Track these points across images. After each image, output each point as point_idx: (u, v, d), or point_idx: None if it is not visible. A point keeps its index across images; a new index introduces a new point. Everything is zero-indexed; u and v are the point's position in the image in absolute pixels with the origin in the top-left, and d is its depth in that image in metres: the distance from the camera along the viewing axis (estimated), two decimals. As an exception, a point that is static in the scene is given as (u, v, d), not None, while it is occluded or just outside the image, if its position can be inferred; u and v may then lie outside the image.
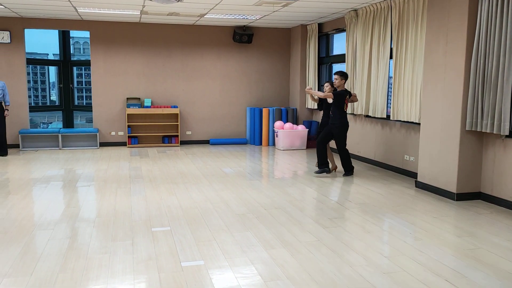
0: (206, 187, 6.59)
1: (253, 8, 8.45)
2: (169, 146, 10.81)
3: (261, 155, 9.72)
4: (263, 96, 11.45)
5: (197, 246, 4.20)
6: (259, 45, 11.26)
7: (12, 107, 9.83)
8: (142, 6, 8.26)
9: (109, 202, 5.72)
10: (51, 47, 35.75)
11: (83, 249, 4.11)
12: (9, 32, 9.84)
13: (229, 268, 3.72)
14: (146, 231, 4.63)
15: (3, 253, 3.96)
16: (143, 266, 3.73)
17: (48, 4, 8.26)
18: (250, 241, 4.35)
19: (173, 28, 10.72)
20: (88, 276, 3.54)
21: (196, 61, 10.99)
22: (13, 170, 7.76)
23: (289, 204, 5.73)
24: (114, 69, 10.57)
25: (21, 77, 10.12)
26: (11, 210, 5.32)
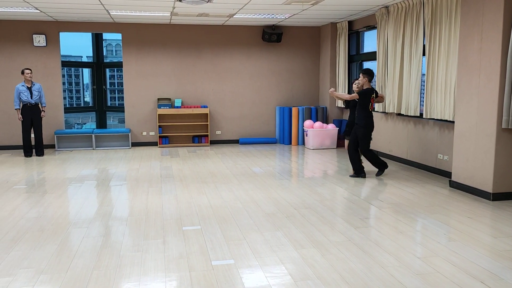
0: (236, 187, 6.62)
1: (282, 7, 8.42)
2: (199, 146, 10.92)
3: (291, 155, 9.68)
4: (293, 95, 11.41)
5: (227, 245, 4.22)
6: (289, 44, 11.22)
7: (48, 108, 10.13)
8: (172, 7, 8.37)
9: (141, 201, 5.82)
10: (85, 49, 36.66)
11: (116, 247, 4.19)
12: (44, 35, 10.14)
13: (259, 267, 3.72)
14: (177, 230, 4.68)
15: (40, 250, 4.08)
16: (174, 265, 3.78)
17: (82, 8, 8.48)
18: (280, 241, 4.34)
19: (203, 28, 10.81)
20: (121, 273, 3.61)
21: (226, 61, 11.05)
22: (49, 170, 8.00)
23: (319, 203, 5.69)
24: (145, 70, 10.75)
25: (57, 79, 10.42)
26: (48, 209, 5.48)
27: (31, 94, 9.16)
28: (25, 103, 9.15)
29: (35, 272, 3.62)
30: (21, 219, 5.01)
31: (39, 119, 9.33)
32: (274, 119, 11.42)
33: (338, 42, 10.55)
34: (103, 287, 3.37)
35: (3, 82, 10.08)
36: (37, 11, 8.71)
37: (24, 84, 9.14)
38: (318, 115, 10.83)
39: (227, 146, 10.84)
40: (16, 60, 10.10)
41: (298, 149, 10.39)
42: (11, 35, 10.03)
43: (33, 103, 9.21)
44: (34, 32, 10.10)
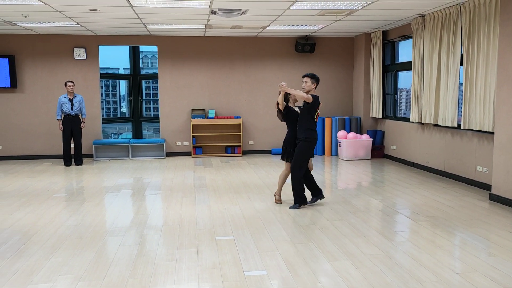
0: (269, 197, 6.61)
1: (315, 18, 8.43)
2: (232, 156, 10.99)
3: (324, 165, 9.61)
4: (326, 106, 11.35)
5: (260, 256, 4.22)
6: (322, 54, 11.20)
7: (86, 119, 10.44)
8: (207, 20, 8.52)
9: (175, 211, 5.90)
10: (122, 61, 37.69)
11: (151, 255, 4.26)
12: (84, 49, 10.50)
13: (291, 279, 3.70)
14: (210, 239, 4.72)
15: (78, 258, 4.19)
16: (208, 274, 3.80)
17: (121, 22, 8.74)
18: (313, 252, 4.30)
19: (236, 40, 10.94)
20: (156, 282, 3.66)
21: (259, 72, 11.12)
22: (88, 179, 8.22)
23: (353, 215, 5.61)
24: (180, 81, 10.95)
25: (95, 91, 10.75)
26: (86, 217, 5.63)
27: (72, 105, 9.48)
28: (66, 114, 9.48)
29: (74, 278, 3.72)
30: (61, 227, 5.17)
31: (78, 130, 9.63)
32: (307, 129, 11.36)
33: (372, 52, 10.45)
34: (138, 295, 3.43)
35: (45, 94, 10.47)
36: (78, 25, 9.04)
37: (67, 95, 9.48)
38: (352, 125, 10.72)
39: (259, 156, 10.86)
40: (57, 73, 10.50)
41: (331, 159, 10.30)
42: (53, 49, 10.44)
43: (74, 114, 9.52)
44: (75, 46, 10.47)
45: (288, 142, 5.99)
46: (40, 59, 10.43)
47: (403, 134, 9.53)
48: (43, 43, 10.38)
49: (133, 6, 7.18)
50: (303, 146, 5.75)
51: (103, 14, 7.89)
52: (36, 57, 10.41)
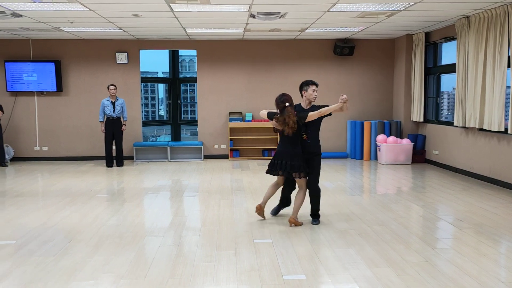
0: (306, 201, 6.54)
1: (355, 20, 8.32)
2: (269, 159, 10.93)
3: (362, 170, 9.45)
4: (365, 109, 11.17)
5: (298, 260, 4.18)
6: (361, 57, 11.04)
7: (127, 122, 10.69)
8: (245, 24, 8.56)
9: (213, 213, 5.93)
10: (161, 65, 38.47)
11: (190, 256, 4.30)
12: (126, 53, 10.78)
13: (331, 284, 3.65)
14: (248, 242, 4.72)
15: (120, 257, 4.28)
16: (246, 277, 3.80)
17: (161, 27, 8.92)
18: (352, 258, 4.22)
19: (274, 43, 10.94)
20: (195, 282, 3.69)
21: (297, 75, 11.07)
22: (128, 180, 8.41)
23: (393, 221, 5.48)
24: (218, 85, 11.04)
25: (136, 94, 11.00)
26: (127, 217, 5.75)
27: (114, 108, 9.73)
28: (108, 116, 9.74)
29: (116, 277, 3.80)
30: (103, 226, 5.30)
31: (120, 132, 9.88)
32: (345, 133, 11.23)
33: (414, 54, 10.21)
34: (178, 295, 3.47)
35: (87, 97, 10.81)
36: (120, 30, 9.29)
37: (109, 99, 9.74)
38: (391, 129, 10.50)
39: (297, 160, 10.78)
40: (99, 77, 10.81)
41: (370, 164, 10.12)
42: (96, 53, 10.76)
43: (115, 117, 9.77)
44: (117, 50, 10.76)
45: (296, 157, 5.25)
46: (84, 63, 10.78)
47: (446, 138, 9.25)
48: (87, 47, 10.72)
49: (174, 10, 7.31)
50: (319, 161, 5.49)
51: (145, 19, 8.07)
52: (80, 62, 10.76)
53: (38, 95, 10.80)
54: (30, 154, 10.89)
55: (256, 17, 7.81)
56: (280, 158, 5.29)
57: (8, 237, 4.90)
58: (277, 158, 5.33)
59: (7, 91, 10.59)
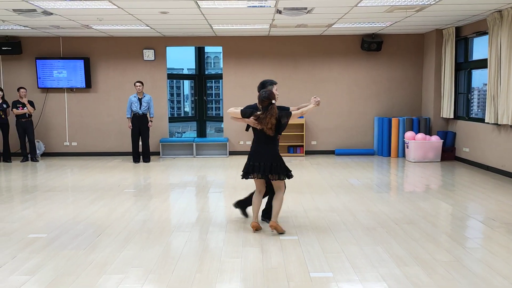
0: (333, 198, 6.51)
1: (383, 15, 8.19)
2: (294, 156, 10.93)
3: (390, 167, 9.31)
4: (393, 105, 10.99)
5: (325, 257, 4.15)
6: (389, 52, 10.86)
7: (154, 118, 10.81)
8: (272, 19, 8.53)
9: (239, 209, 5.93)
10: (186, 62, 38.78)
11: (216, 252, 4.32)
12: (153, 50, 10.89)
13: (359, 282, 3.61)
14: (275, 238, 4.71)
15: (148, 251, 4.34)
16: (273, 273, 3.79)
17: (187, 24, 8.98)
18: (380, 256, 4.17)
19: (300, 39, 10.87)
20: (222, 278, 3.71)
21: (323, 71, 10.99)
22: (155, 176, 8.51)
23: (422, 219, 5.38)
24: (244, 81, 11.05)
25: (163, 91, 11.12)
26: (154, 212, 5.82)
27: (140, 105, 9.86)
28: (134, 113, 9.87)
29: (145, 271, 3.85)
30: (131, 221, 5.38)
31: (146, 129, 10.00)
32: (372, 130, 11.08)
33: (444, 49, 9.98)
34: (205, 290, 3.49)
35: (116, 94, 10.97)
36: (148, 27, 9.39)
37: (136, 95, 9.88)
38: (420, 126, 10.30)
39: (322, 157, 10.73)
40: (128, 74, 10.96)
41: (397, 161, 9.96)
42: (124, 50, 10.91)
43: (141, 114, 9.89)
44: (144, 47, 10.89)
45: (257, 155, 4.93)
46: (112, 60, 10.95)
47: (477, 135, 9.02)
48: (115, 45, 10.88)
49: (201, 7, 7.34)
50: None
51: (172, 16, 8.13)
52: (108, 59, 10.94)
53: (68, 92, 11.04)
54: (60, 150, 11.15)
55: (283, 12, 7.77)
56: (258, 160, 4.81)
57: (40, 230, 5.03)
58: (254, 159, 4.83)
59: (38, 87, 10.86)
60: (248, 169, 4.89)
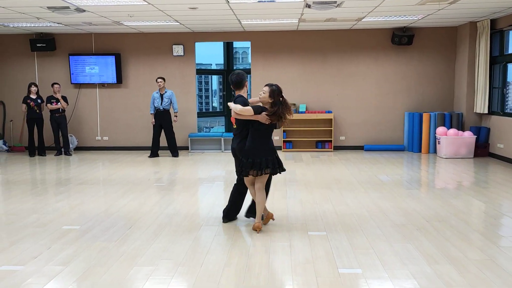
0: (362, 194, 6.43)
1: (415, 8, 8.01)
2: (322, 151, 10.86)
3: (420, 163, 9.14)
4: (424, 100, 10.76)
5: (354, 254, 4.11)
6: (420, 46, 10.62)
7: (182, 113, 10.91)
8: (300, 14, 8.47)
9: (267, 204, 5.91)
10: (214, 57, 38.94)
11: (244, 247, 4.35)
12: (182, 46, 10.99)
13: (388, 279, 3.56)
14: (303, 234, 4.70)
15: (177, 245, 4.40)
16: (301, 269, 3.79)
17: (216, 19, 9.01)
18: (411, 254, 4.10)
19: (329, 33, 10.76)
20: (250, 272, 3.73)
21: (352, 65, 10.85)
22: (184, 170, 8.61)
23: (454, 217, 5.26)
24: (272, 76, 11.01)
25: (192, 86, 11.21)
26: (183, 206, 5.89)
27: (162, 100, 9.92)
28: (157, 108, 9.96)
29: (174, 263, 3.91)
30: (161, 215, 5.46)
31: (169, 124, 10.01)
32: (402, 125, 10.89)
33: (478, 42, 9.69)
34: (234, 283, 3.52)
35: (146, 90, 11.12)
36: (177, 23, 9.47)
37: (158, 91, 9.98)
38: (452, 121, 10.05)
39: (351, 152, 10.62)
40: (157, 69, 11.09)
41: (428, 157, 9.76)
42: (154, 46, 11.05)
43: (162, 109, 9.95)
44: (173, 43, 11.00)
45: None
46: (142, 56, 11.10)
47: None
48: (145, 41, 11.03)
49: (230, 2, 7.35)
50: None
51: (201, 12, 8.18)
52: (139, 54, 11.10)
53: (100, 87, 11.27)
54: (92, 144, 11.40)
55: (312, 7, 7.71)
56: (264, 155, 4.70)
57: (73, 222, 5.17)
58: (257, 156, 4.69)
59: (71, 83, 11.12)
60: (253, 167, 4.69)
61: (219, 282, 3.53)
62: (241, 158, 4.77)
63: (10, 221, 5.22)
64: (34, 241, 4.50)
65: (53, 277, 3.64)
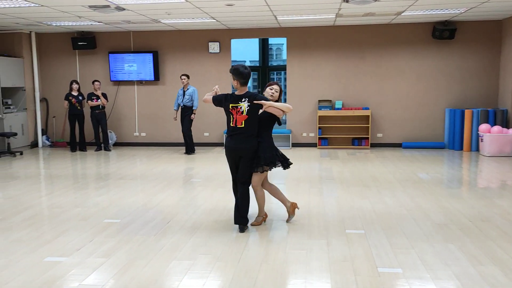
0: (400, 193, 6.29)
1: (458, 1, 7.75)
2: (359, 149, 10.70)
3: (462, 161, 8.86)
4: (466, 96, 10.42)
5: (393, 253, 4.03)
6: (463, 40, 10.28)
7: (219, 110, 10.91)
8: (338, 9, 8.35)
9: (303, 201, 5.91)
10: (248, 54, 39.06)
11: (281, 243, 4.33)
12: (218, 43, 11.05)
13: (430, 280, 3.47)
14: (340, 232, 4.64)
15: (215, 240, 4.43)
16: (339, 267, 3.74)
17: (252, 15, 9.01)
18: (453, 254, 3.98)
19: (366, 28, 10.57)
20: (287, 269, 3.71)
21: (390, 61, 10.63)
22: (220, 166, 8.63)
23: (499, 217, 5.07)
24: (307, 72, 10.94)
25: (227, 83, 11.25)
26: (219, 202, 5.92)
27: (183, 97, 9.98)
28: (180, 105, 10.05)
29: (212, 258, 3.94)
30: (198, 210, 5.52)
31: (186, 120, 10.02)
32: (443, 122, 10.59)
33: (524, 36, 9.29)
34: (271, 280, 3.51)
35: (182, 86, 11.24)
36: (213, 20, 9.53)
37: (182, 88, 10.07)
38: (496, 118, 9.68)
39: (388, 150, 10.41)
40: (194, 66, 11.21)
41: (470, 155, 9.45)
42: (190, 43, 11.16)
43: (182, 106, 10.00)
44: (209, 40, 11.07)
45: None
46: (179, 53, 11.24)
47: (560, 128, 8.35)
48: (181, 38, 11.16)
49: (266, -2, 7.33)
50: None
51: (237, 8, 8.19)
52: (175, 52, 11.24)
53: (138, 84, 11.49)
54: (130, 140, 11.65)
55: (350, 1, 7.58)
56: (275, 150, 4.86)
57: (114, 216, 5.29)
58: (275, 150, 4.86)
59: (111, 80, 11.39)
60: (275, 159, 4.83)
61: (256, 278, 3.53)
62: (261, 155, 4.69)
63: (55, 214, 5.40)
64: (77, 233, 4.64)
65: (95, 268, 3.74)
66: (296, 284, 3.45)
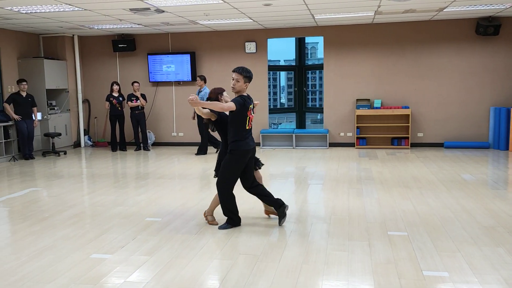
0: (444, 194, 6.11)
1: (503, -5, 7.47)
2: (399, 148, 10.47)
3: (508, 161, 8.52)
4: (511, 94, 10.02)
5: (439, 256, 3.91)
6: (508, 36, 9.89)
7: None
8: (377, 6, 8.20)
9: (343, 202, 5.83)
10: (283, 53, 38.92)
11: (322, 244, 4.28)
12: (255, 42, 11.06)
13: (479, 284, 3.34)
14: (382, 233, 4.54)
15: (254, 240, 4.43)
16: (382, 269, 3.66)
17: (289, 14, 8.97)
18: (503, 258, 3.82)
19: (406, 25, 10.33)
20: (329, 270, 3.66)
21: (431, 58, 10.35)
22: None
23: (551, 220, 4.84)
24: (345, 71, 10.80)
25: (263, 83, 11.28)
26: (257, 202, 5.84)
27: None
28: None
29: (253, 258, 3.93)
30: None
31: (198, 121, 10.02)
32: (487, 121, 10.22)
33: None
34: (312, 281, 3.47)
35: (220, 87, 11.31)
36: (250, 20, 9.55)
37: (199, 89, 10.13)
38: (544, 117, 9.28)
39: (429, 150, 10.14)
40: (231, 66, 11.11)
41: (516, 155, 9.09)
42: (227, 44, 11.23)
43: None
44: (246, 40, 11.11)
45: (222, 154, 4.85)
46: (216, 54, 11.33)
47: None
48: (218, 39, 11.24)
49: (304, -3, 7.28)
50: (228, 159, 4.70)
51: (275, 8, 8.17)
52: (212, 52, 11.34)
53: (176, 85, 11.66)
54: (168, 140, 11.84)
55: (389, -2, 7.43)
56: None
57: (154, 214, 5.38)
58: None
59: (150, 81, 11.61)
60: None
61: (297, 279, 3.50)
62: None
63: (97, 212, 5.54)
64: (120, 231, 4.74)
65: (139, 266, 3.81)
66: (338, 286, 3.40)
